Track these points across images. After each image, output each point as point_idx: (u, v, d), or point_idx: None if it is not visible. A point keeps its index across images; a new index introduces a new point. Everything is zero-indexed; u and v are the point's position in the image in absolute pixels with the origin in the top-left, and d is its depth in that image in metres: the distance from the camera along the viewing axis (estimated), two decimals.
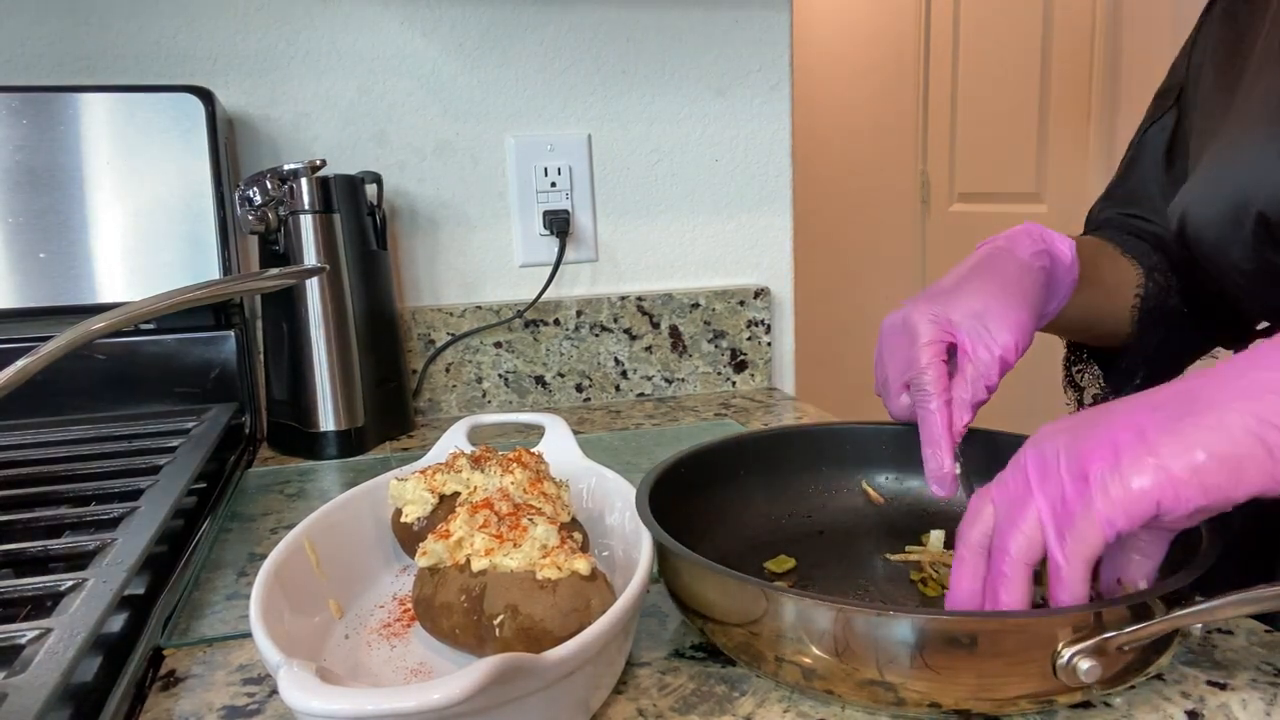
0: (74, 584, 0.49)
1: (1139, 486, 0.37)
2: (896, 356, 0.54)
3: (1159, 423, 0.38)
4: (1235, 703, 0.44)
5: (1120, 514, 0.37)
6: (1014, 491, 0.41)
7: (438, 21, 1.04)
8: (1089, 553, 0.39)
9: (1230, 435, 0.37)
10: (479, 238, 1.09)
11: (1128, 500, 0.37)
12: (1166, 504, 0.37)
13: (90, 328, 0.53)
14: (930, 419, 0.52)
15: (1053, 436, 0.41)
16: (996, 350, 0.52)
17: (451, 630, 0.47)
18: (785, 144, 1.17)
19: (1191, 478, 0.37)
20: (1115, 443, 0.38)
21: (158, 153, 0.89)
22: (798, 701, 0.45)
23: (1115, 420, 0.39)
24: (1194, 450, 0.37)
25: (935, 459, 0.53)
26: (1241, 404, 0.37)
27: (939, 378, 0.52)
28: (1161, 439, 0.37)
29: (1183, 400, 0.38)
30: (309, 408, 0.91)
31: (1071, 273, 0.58)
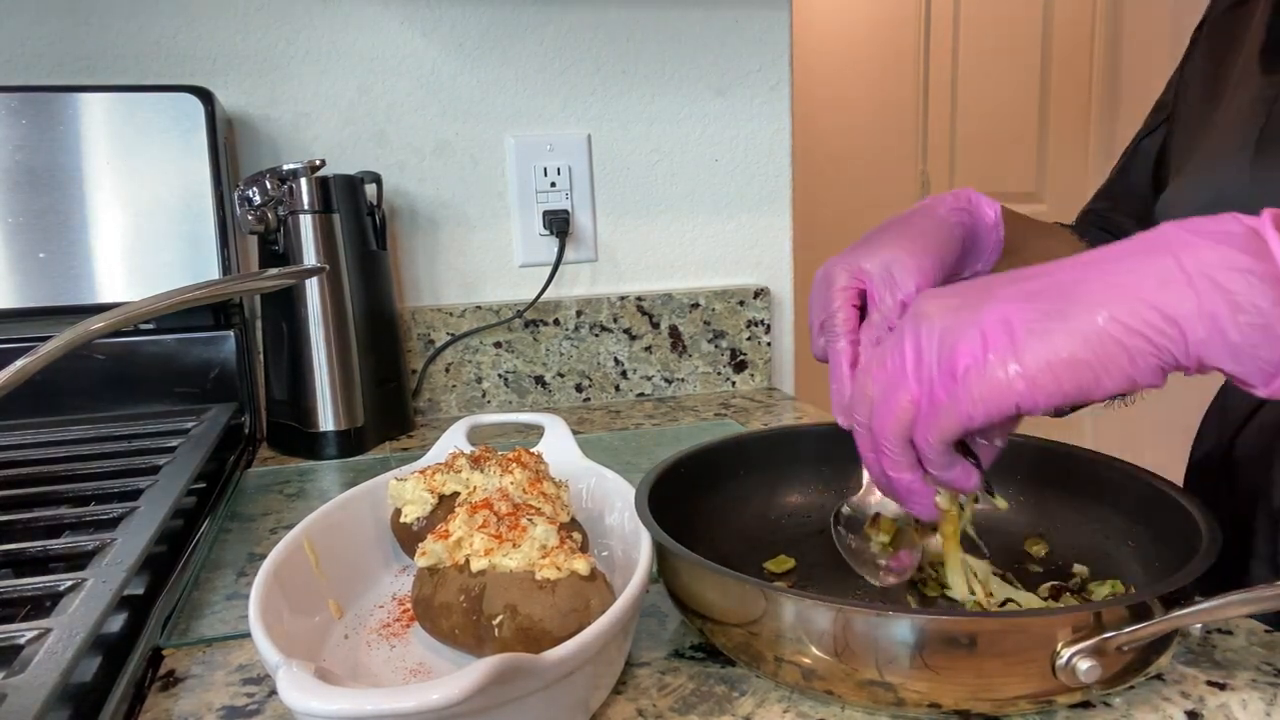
0: (73, 584, 0.49)
1: (1000, 386, 0.39)
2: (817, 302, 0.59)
3: (1028, 318, 0.39)
4: (1235, 703, 0.44)
5: (980, 411, 0.40)
6: (892, 375, 0.43)
7: (438, 21, 1.04)
8: (949, 438, 0.42)
9: (1094, 339, 0.38)
10: (479, 238, 1.09)
11: (988, 399, 0.39)
12: (1025, 404, 0.39)
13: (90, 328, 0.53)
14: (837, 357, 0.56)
15: (931, 319, 0.42)
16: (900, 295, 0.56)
17: (451, 630, 0.47)
18: (785, 144, 1.17)
19: (1051, 380, 0.38)
20: (985, 336, 0.40)
21: (157, 153, 0.89)
22: (797, 702, 0.45)
23: (988, 309, 0.40)
24: (1057, 353, 0.38)
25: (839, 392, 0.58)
26: (1109, 306, 0.38)
27: (846, 319, 0.56)
28: (1027, 339, 0.39)
29: (1055, 295, 0.39)
30: (309, 408, 0.91)
31: (995, 232, 0.61)
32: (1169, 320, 0.37)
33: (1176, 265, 0.37)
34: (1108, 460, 0.59)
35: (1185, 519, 0.50)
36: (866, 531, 0.59)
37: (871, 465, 0.46)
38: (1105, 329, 0.38)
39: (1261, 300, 0.36)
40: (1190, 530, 0.48)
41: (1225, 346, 0.37)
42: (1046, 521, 0.60)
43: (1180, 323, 0.37)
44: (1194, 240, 0.38)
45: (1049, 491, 0.61)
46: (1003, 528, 0.61)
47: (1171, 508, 0.52)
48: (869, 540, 0.58)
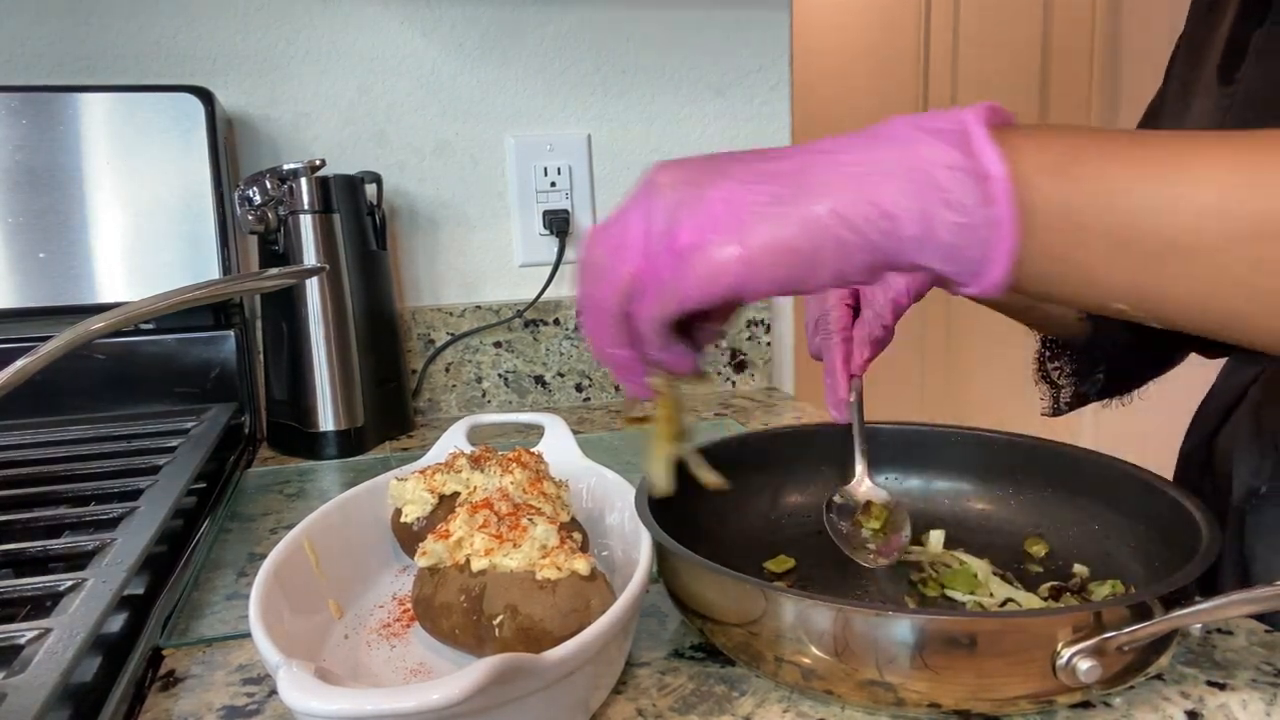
0: (73, 584, 0.49)
1: (714, 268, 0.38)
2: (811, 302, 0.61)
3: (755, 201, 0.38)
4: (1235, 703, 0.44)
5: (698, 291, 0.39)
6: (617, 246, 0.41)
7: (438, 21, 1.04)
8: (667, 317, 0.40)
9: (813, 228, 0.37)
10: (479, 238, 1.09)
11: (707, 279, 0.38)
12: (741, 287, 0.38)
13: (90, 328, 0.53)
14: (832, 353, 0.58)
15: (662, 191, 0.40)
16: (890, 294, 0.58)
17: (451, 630, 0.47)
18: (785, 144, 1.17)
19: (768, 265, 0.38)
20: (712, 217, 0.38)
21: (157, 153, 0.89)
22: (797, 702, 0.45)
23: (718, 187, 0.39)
24: (777, 238, 0.37)
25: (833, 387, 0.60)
26: (831, 196, 0.37)
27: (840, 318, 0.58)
28: (750, 222, 0.38)
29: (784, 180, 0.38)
30: (309, 408, 0.91)
31: None
32: (885, 215, 0.36)
33: (898, 160, 0.37)
34: (1108, 460, 0.59)
35: (1185, 519, 0.50)
36: (858, 519, 0.61)
37: (592, 339, 0.44)
38: (824, 219, 0.37)
39: (968, 198, 0.35)
40: (1190, 530, 0.48)
41: (936, 245, 0.36)
42: (1046, 521, 0.60)
43: (896, 217, 0.36)
44: (916, 135, 0.37)
45: (1049, 491, 0.61)
46: (1003, 528, 0.62)
47: (1172, 507, 0.52)
48: (860, 527, 0.60)
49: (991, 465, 0.64)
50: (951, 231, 0.36)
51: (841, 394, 0.62)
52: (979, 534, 0.61)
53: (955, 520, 0.63)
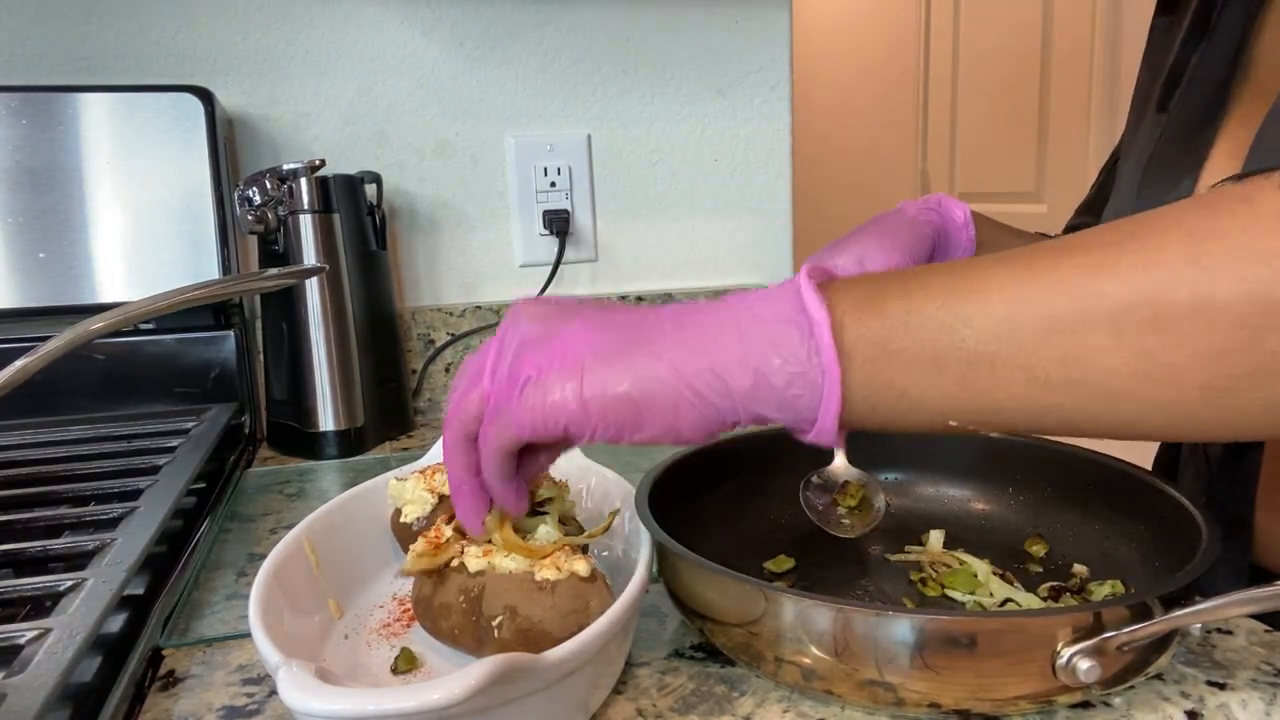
0: (73, 584, 0.49)
1: (549, 404, 0.39)
2: None
3: (598, 347, 0.40)
4: (1235, 703, 0.44)
5: (528, 425, 0.40)
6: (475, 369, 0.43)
7: (438, 21, 1.04)
8: (504, 446, 0.42)
9: (647, 381, 0.39)
10: (479, 238, 1.09)
11: (540, 414, 0.40)
12: (573, 427, 0.40)
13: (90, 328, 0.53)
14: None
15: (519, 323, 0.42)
16: None
17: (450, 631, 0.47)
18: (785, 144, 1.17)
19: (599, 410, 0.39)
20: (555, 356, 0.40)
21: (157, 153, 0.89)
22: (797, 702, 0.45)
23: (569, 328, 0.41)
24: (610, 387, 0.39)
25: None
26: (670, 354, 0.39)
27: None
28: (590, 365, 0.40)
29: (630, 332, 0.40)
30: (309, 408, 0.91)
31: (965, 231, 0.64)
32: (717, 376, 0.38)
33: (734, 321, 0.39)
34: (1108, 460, 0.59)
35: (1185, 519, 0.50)
36: (835, 498, 0.62)
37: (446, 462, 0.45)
38: (660, 373, 0.39)
39: (798, 345, 0.38)
40: (1190, 530, 0.48)
41: (772, 395, 0.38)
42: (1046, 521, 0.60)
43: (727, 377, 0.38)
44: (754, 300, 0.40)
45: (1049, 491, 0.61)
46: (1003, 528, 0.62)
47: (1172, 507, 0.52)
48: (837, 505, 0.62)
49: (991, 465, 0.64)
50: (783, 379, 0.38)
51: None
52: (979, 534, 0.61)
53: (955, 520, 0.63)
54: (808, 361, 0.38)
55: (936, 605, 0.54)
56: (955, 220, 0.63)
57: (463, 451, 0.44)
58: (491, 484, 0.44)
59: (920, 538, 0.61)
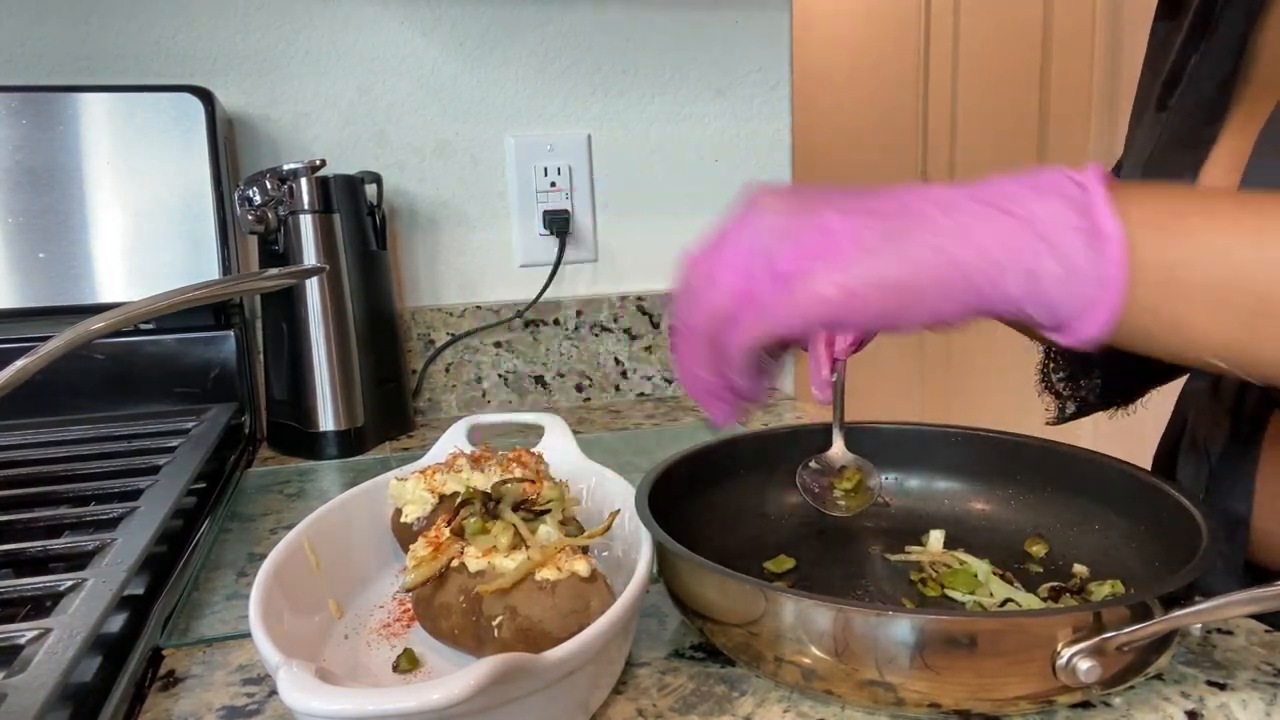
0: (73, 584, 0.49)
1: (815, 298, 0.38)
2: None
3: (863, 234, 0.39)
4: (1235, 703, 0.44)
5: (795, 318, 0.39)
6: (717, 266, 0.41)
7: (438, 21, 1.04)
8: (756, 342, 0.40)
9: (919, 267, 0.38)
10: (479, 238, 1.09)
11: (806, 306, 0.39)
12: (838, 318, 0.39)
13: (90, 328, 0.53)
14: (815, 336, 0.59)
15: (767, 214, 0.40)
16: None
17: (451, 630, 0.47)
18: (785, 144, 1.17)
19: (866, 298, 0.38)
20: (817, 245, 0.39)
21: (158, 153, 0.89)
22: (797, 702, 0.45)
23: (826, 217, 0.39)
24: (881, 273, 0.38)
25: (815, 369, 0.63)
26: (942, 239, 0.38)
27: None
28: (856, 254, 0.38)
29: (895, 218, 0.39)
30: (309, 408, 0.91)
31: None
32: (993, 263, 0.37)
33: (1012, 213, 0.37)
34: (1108, 460, 0.59)
35: (1185, 519, 0.50)
36: (832, 480, 0.64)
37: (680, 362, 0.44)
38: (931, 259, 0.38)
39: (1082, 256, 0.36)
40: (1190, 530, 0.48)
41: (1039, 297, 0.37)
42: (1046, 521, 0.60)
43: (1004, 267, 0.37)
44: (1032, 192, 0.38)
45: (1049, 491, 0.61)
46: (1003, 528, 0.62)
47: (1172, 508, 0.52)
48: (834, 488, 0.64)
49: (991, 465, 0.64)
50: (1058, 285, 0.37)
51: (824, 374, 0.64)
52: (979, 534, 0.61)
53: (955, 520, 0.63)
54: (1089, 274, 0.36)
55: (936, 605, 0.54)
56: None
57: (706, 353, 0.42)
58: (740, 381, 0.42)
59: (920, 538, 0.61)
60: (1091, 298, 0.37)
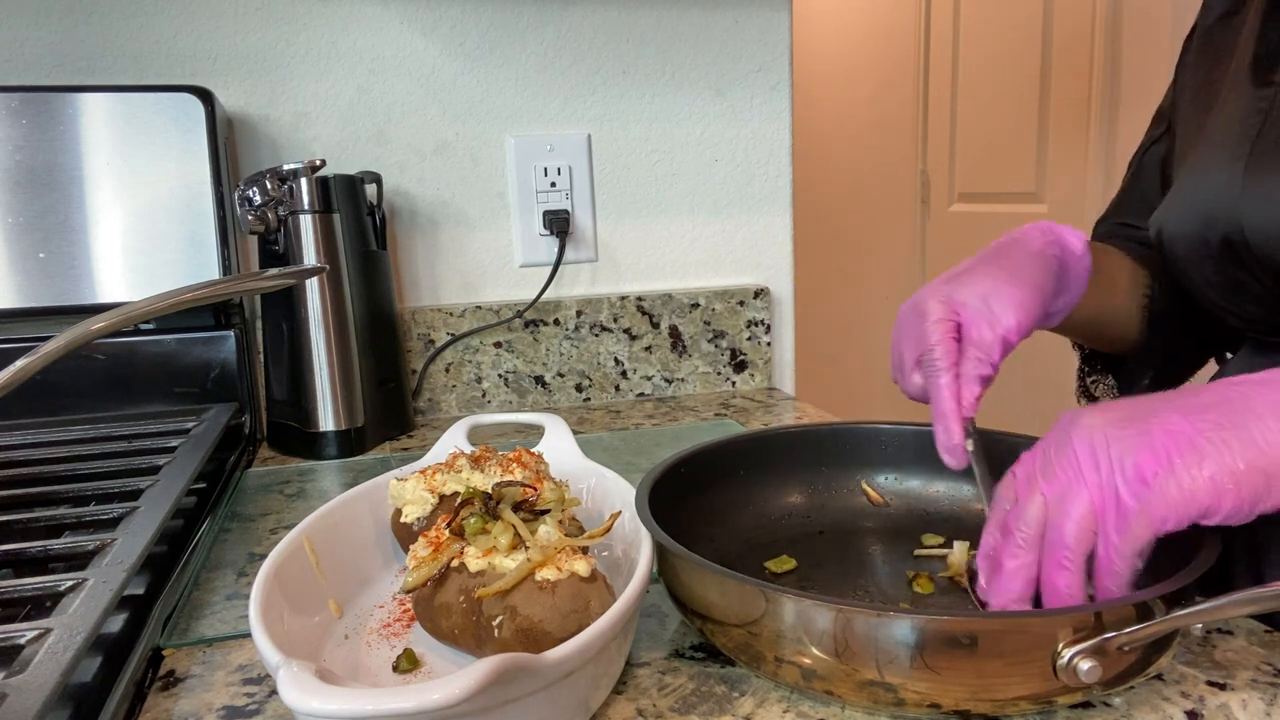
0: (74, 584, 0.49)
1: (1191, 490, 0.40)
2: (910, 336, 0.56)
3: (1204, 430, 0.41)
4: (1235, 703, 0.44)
5: (1173, 515, 0.41)
6: (1067, 485, 0.43)
7: (438, 21, 1.04)
8: (1140, 548, 0.42)
9: (1267, 447, 0.40)
10: (479, 238, 1.09)
11: (1181, 502, 0.40)
12: (1212, 508, 0.40)
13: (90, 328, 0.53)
14: (940, 392, 0.54)
15: (1100, 430, 0.43)
16: (1000, 330, 0.54)
17: (451, 630, 0.47)
18: (785, 144, 1.17)
19: (1234, 486, 0.40)
20: (1168, 447, 0.41)
21: (158, 153, 0.89)
22: (797, 702, 0.45)
23: (1164, 423, 0.42)
24: (1237, 459, 0.40)
25: (945, 430, 0.55)
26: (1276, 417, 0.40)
27: (947, 353, 0.54)
28: (1209, 447, 0.41)
29: (1223, 409, 0.41)
30: (309, 408, 0.91)
31: (1083, 262, 0.60)
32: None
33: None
34: None
35: None
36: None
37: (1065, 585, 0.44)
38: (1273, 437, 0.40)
39: None
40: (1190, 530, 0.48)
41: None
42: None
43: None
44: None
45: None
46: None
47: None
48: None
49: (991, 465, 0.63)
50: None
51: (957, 438, 0.55)
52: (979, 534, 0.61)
53: (955, 520, 0.63)
54: None
55: (935, 604, 0.54)
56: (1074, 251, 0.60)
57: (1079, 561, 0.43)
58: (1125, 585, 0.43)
59: (921, 538, 0.61)
60: None
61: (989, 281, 0.55)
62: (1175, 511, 0.41)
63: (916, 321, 0.55)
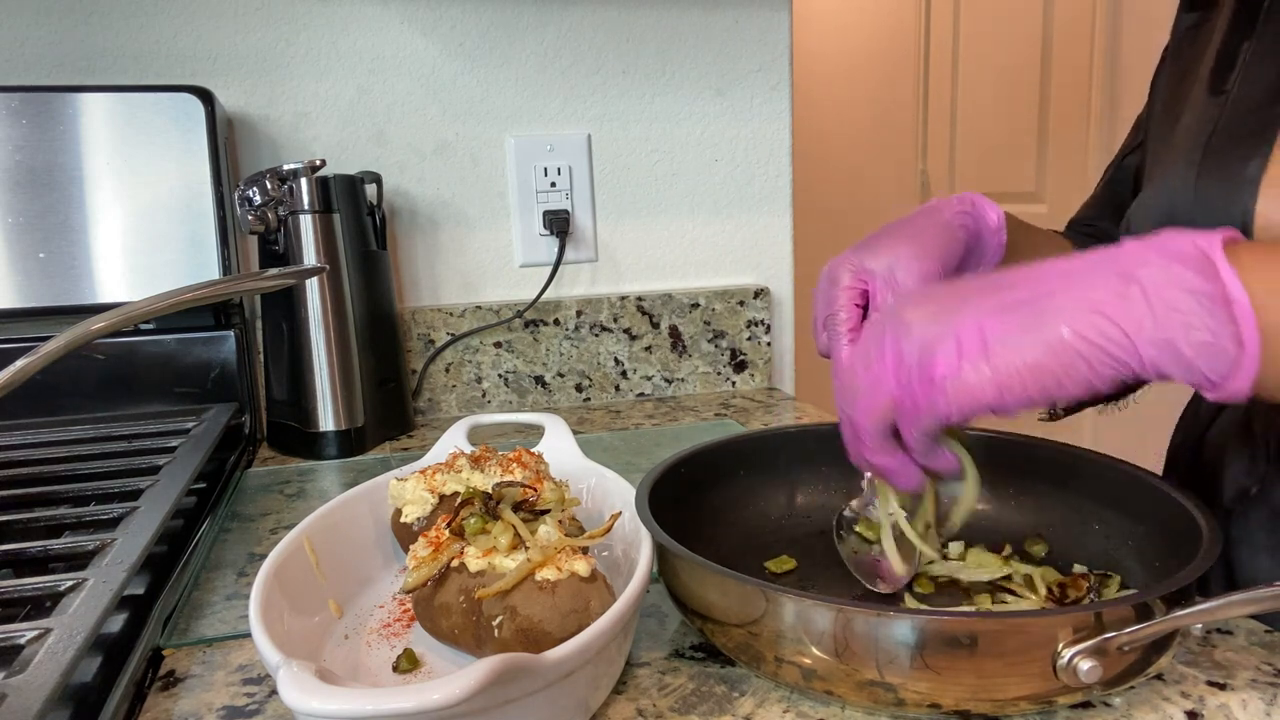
0: (74, 584, 0.49)
1: (969, 393, 0.43)
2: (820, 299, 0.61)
3: (999, 328, 0.43)
4: (1235, 703, 0.44)
5: (956, 411, 0.44)
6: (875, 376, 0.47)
7: (438, 21, 1.04)
8: (929, 433, 0.46)
9: (1058, 349, 0.41)
10: (479, 238, 1.09)
11: (962, 402, 0.43)
12: (995, 406, 0.43)
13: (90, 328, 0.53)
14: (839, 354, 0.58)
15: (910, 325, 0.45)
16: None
17: (450, 631, 0.47)
18: (785, 144, 1.17)
19: (1018, 385, 0.42)
20: (960, 344, 0.43)
21: (158, 153, 0.89)
22: (797, 702, 0.45)
23: (963, 319, 0.44)
24: (1024, 360, 0.42)
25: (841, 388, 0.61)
26: (1073, 320, 0.41)
27: (849, 317, 0.58)
28: (998, 348, 0.42)
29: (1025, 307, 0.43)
30: (309, 408, 0.91)
31: (998, 236, 0.63)
32: (1125, 335, 0.40)
33: (1135, 284, 0.41)
34: (1108, 460, 0.59)
35: (1185, 519, 0.50)
36: (859, 530, 0.59)
37: (851, 450, 0.50)
38: (1069, 341, 0.41)
39: (1210, 320, 0.39)
40: (1190, 530, 0.48)
41: (1177, 361, 0.40)
42: (1046, 521, 0.60)
43: (1135, 339, 0.40)
44: (1152, 259, 0.41)
45: (1049, 491, 0.61)
46: (1003, 528, 0.62)
47: (1172, 507, 0.52)
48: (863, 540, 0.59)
49: (991, 465, 0.63)
50: (1194, 350, 0.40)
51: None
52: (979, 534, 0.61)
53: None
54: (1222, 335, 0.39)
55: (936, 603, 0.54)
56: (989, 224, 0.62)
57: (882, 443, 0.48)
58: (925, 463, 0.48)
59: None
60: (1229, 355, 0.39)
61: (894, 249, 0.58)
62: (958, 407, 0.43)
63: (828, 287, 0.59)
